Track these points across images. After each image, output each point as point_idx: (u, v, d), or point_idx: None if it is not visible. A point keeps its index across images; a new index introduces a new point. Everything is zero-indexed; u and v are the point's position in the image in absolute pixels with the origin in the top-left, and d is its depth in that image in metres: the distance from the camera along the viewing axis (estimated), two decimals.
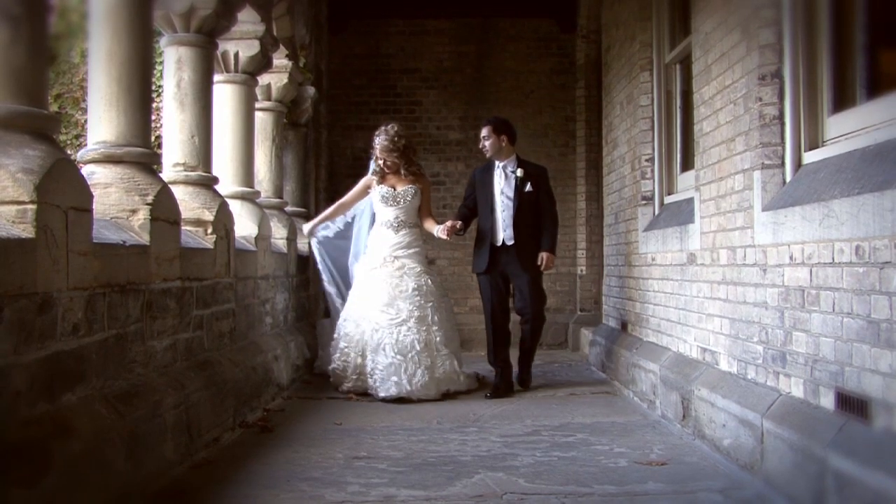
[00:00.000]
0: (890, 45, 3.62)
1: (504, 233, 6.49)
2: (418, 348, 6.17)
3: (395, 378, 6.02)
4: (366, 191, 6.90)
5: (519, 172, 6.48)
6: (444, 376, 6.26)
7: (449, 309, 6.70)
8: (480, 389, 6.49)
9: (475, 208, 6.69)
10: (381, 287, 6.39)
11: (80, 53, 10.07)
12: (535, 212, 6.51)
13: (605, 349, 7.36)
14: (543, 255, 6.44)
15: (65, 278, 3.04)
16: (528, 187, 6.46)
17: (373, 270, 6.52)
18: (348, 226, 7.15)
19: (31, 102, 3.07)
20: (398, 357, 6.10)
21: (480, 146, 6.61)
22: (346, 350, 6.45)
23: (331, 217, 7.13)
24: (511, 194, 6.47)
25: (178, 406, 3.98)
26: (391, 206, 6.64)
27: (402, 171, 6.70)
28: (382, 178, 6.71)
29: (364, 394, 6.18)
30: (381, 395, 6.00)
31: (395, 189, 6.67)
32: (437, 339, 6.34)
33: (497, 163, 6.57)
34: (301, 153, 8.49)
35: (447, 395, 6.19)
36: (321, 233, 7.19)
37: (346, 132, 9.99)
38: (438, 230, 6.52)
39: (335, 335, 6.67)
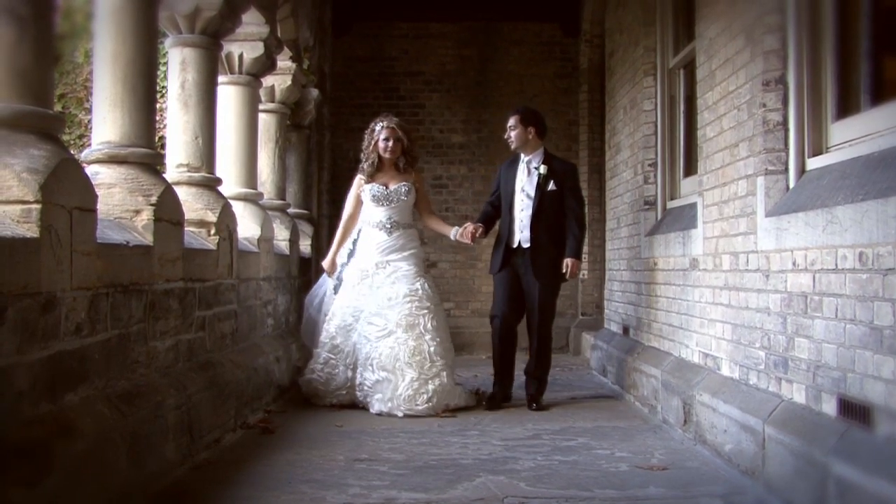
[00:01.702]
0: (894, 52, 3.62)
1: (521, 234, 5.96)
2: (404, 360, 5.66)
3: (378, 395, 5.62)
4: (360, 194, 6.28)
5: (542, 169, 5.92)
6: (440, 389, 5.68)
7: (444, 318, 6.17)
8: (479, 405, 5.94)
9: (500, 206, 6.18)
10: (373, 297, 5.95)
11: (84, 54, 10.09)
12: (559, 213, 5.94)
13: (607, 353, 7.36)
14: (569, 262, 5.86)
15: (68, 278, 3.05)
16: (552, 185, 5.90)
17: (364, 279, 6.04)
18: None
19: (37, 102, 3.07)
20: (383, 373, 5.66)
21: (506, 136, 6.09)
22: (332, 362, 5.94)
23: (345, 239, 6.35)
24: (532, 192, 5.93)
25: (179, 407, 3.98)
26: (383, 205, 6.10)
27: (399, 165, 6.14)
28: (372, 175, 6.13)
29: (352, 405, 5.79)
30: (372, 411, 5.63)
31: (387, 187, 6.11)
32: (432, 348, 5.75)
33: (522, 156, 6.05)
34: (304, 155, 8.50)
35: (445, 410, 5.64)
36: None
37: (349, 134, 9.98)
38: (456, 233, 6.10)
39: (320, 342, 6.13)
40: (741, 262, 4.32)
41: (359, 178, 6.25)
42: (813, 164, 3.90)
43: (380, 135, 6.10)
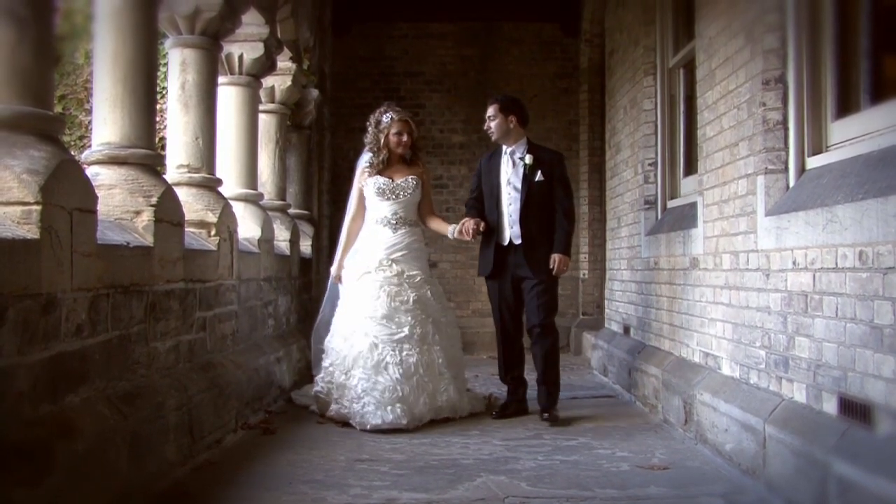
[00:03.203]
0: (894, 51, 3.62)
1: (510, 230, 5.54)
2: (422, 371, 5.28)
3: (399, 405, 5.08)
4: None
5: (527, 159, 5.54)
6: (447, 404, 5.36)
7: (452, 323, 5.81)
8: (489, 412, 5.61)
9: (484, 202, 5.73)
10: (378, 295, 5.44)
11: (85, 55, 10.10)
12: (548, 205, 5.54)
13: (608, 353, 7.36)
14: (556, 258, 5.47)
15: (69, 279, 3.05)
16: (539, 176, 5.51)
17: (366, 275, 5.53)
18: None
19: (37, 103, 3.08)
20: (402, 380, 5.18)
21: (485, 127, 5.72)
22: (330, 369, 5.45)
23: (351, 242, 5.83)
24: (518, 185, 5.54)
25: (180, 407, 3.98)
26: (389, 199, 5.66)
27: (407, 158, 5.80)
28: (380, 170, 5.70)
29: (345, 423, 5.19)
30: (374, 421, 5.01)
31: (392, 180, 5.69)
32: (440, 360, 5.41)
33: (504, 148, 5.67)
34: (304, 155, 8.50)
35: (446, 420, 5.32)
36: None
37: (349, 135, 9.97)
38: (454, 231, 5.60)
39: (323, 354, 5.68)
40: (741, 262, 4.32)
41: (361, 172, 5.79)
42: (813, 162, 3.90)
43: (391, 128, 5.68)
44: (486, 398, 5.92)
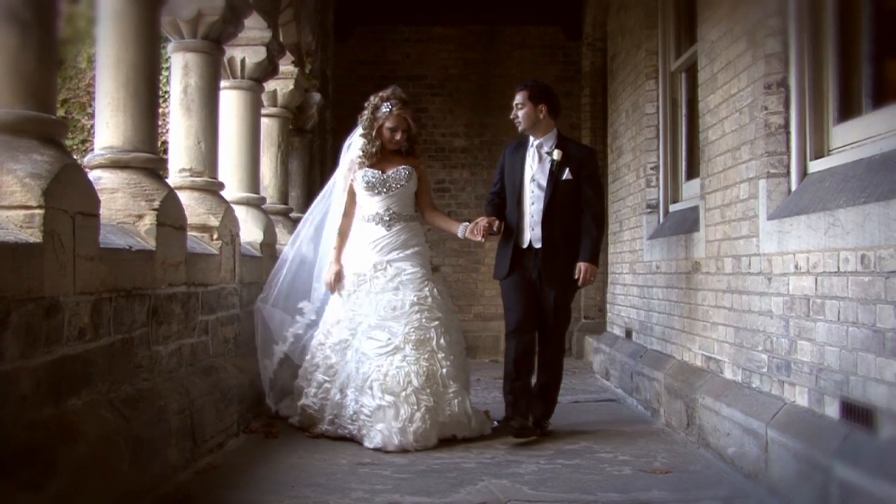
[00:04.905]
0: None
1: (531, 232, 5.04)
2: (416, 384, 4.69)
3: (380, 426, 4.61)
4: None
5: (555, 154, 5.00)
6: (452, 420, 4.78)
7: (458, 329, 5.23)
8: (493, 436, 4.98)
9: (506, 198, 5.22)
10: (371, 305, 5.03)
11: (87, 59, 10.10)
12: (575, 207, 5.03)
13: (610, 357, 7.35)
14: (582, 266, 4.99)
15: (71, 283, 3.05)
16: (567, 174, 4.99)
17: (361, 285, 5.13)
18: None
19: (40, 107, 3.08)
20: (388, 398, 4.65)
21: (511, 116, 5.13)
22: (326, 385, 5.05)
23: (346, 240, 5.35)
24: (543, 182, 5.01)
25: (182, 411, 3.98)
26: (380, 194, 5.18)
27: (402, 151, 5.31)
28: (373, 163, 5.22)
29: (339, 438, 4.85)
30: (368, 445, 4.65)
31: (383, 172, 5.20)
32: (444, 370, 4.83)
33: (531, 140, 5.13)
34: (306, 159, 8.51)
35: (451, 441, 4.80)
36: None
37: None
38: (465, 230, 5.11)
39: (309, 360, 5.28)
40: (743, 266, 4.32)
41: (350, 165, 5.32)
42: (815, 166, 3.90)
43: (385, 121, 5.20)
44: (487, 416, 5.23)
